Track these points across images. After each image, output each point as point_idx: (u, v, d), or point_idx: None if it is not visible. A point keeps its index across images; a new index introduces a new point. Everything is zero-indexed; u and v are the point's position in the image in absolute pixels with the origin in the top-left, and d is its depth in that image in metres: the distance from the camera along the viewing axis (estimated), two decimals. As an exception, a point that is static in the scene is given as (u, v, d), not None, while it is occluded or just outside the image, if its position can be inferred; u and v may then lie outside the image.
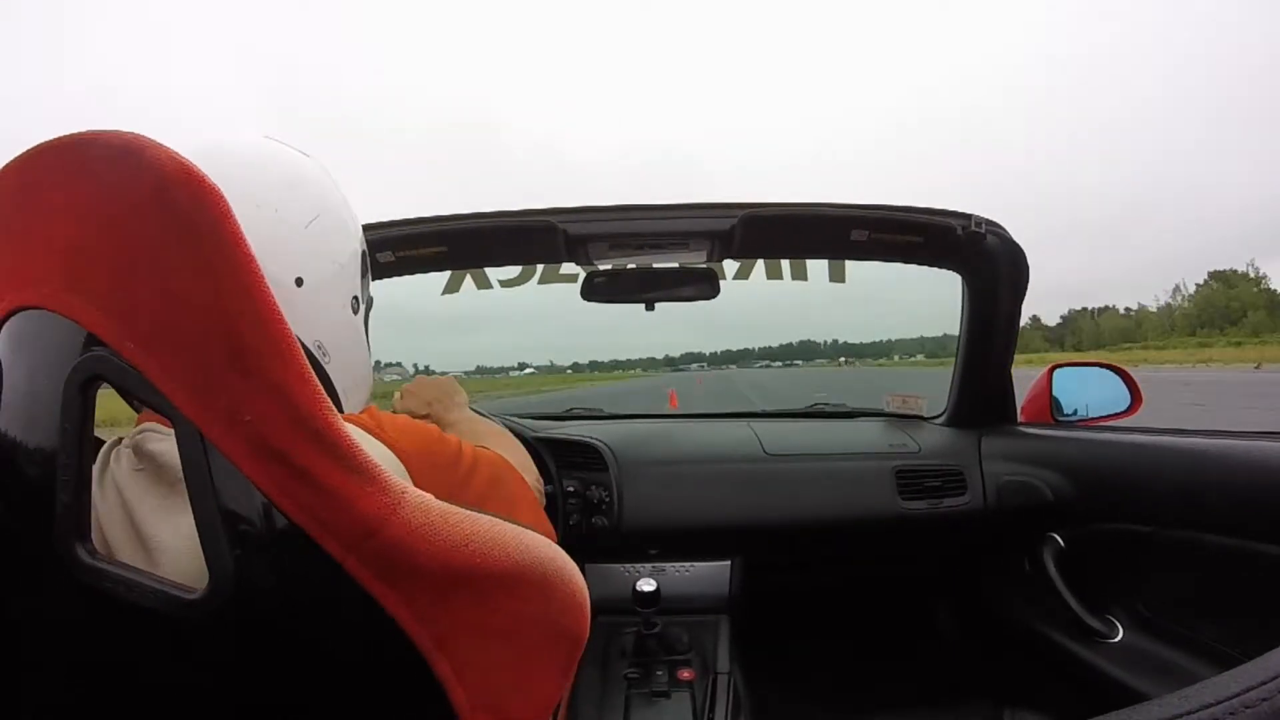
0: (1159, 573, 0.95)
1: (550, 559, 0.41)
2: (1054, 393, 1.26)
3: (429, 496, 0.35)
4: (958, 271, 1.26)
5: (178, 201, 0.30)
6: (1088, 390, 1.27)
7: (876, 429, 1.38)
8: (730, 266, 1.32)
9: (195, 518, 0.31)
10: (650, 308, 1.29)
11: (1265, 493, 0.78)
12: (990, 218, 1.15)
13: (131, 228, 0.31)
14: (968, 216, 1.13)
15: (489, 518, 0.38)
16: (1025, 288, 1.20)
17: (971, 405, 1.33)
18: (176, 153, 0.31)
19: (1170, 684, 0.85)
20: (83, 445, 0.32)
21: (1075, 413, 1.26)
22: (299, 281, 0.51)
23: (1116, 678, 0.91)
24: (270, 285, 0.34)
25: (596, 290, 1.28)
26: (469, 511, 0.37)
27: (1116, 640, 0.96)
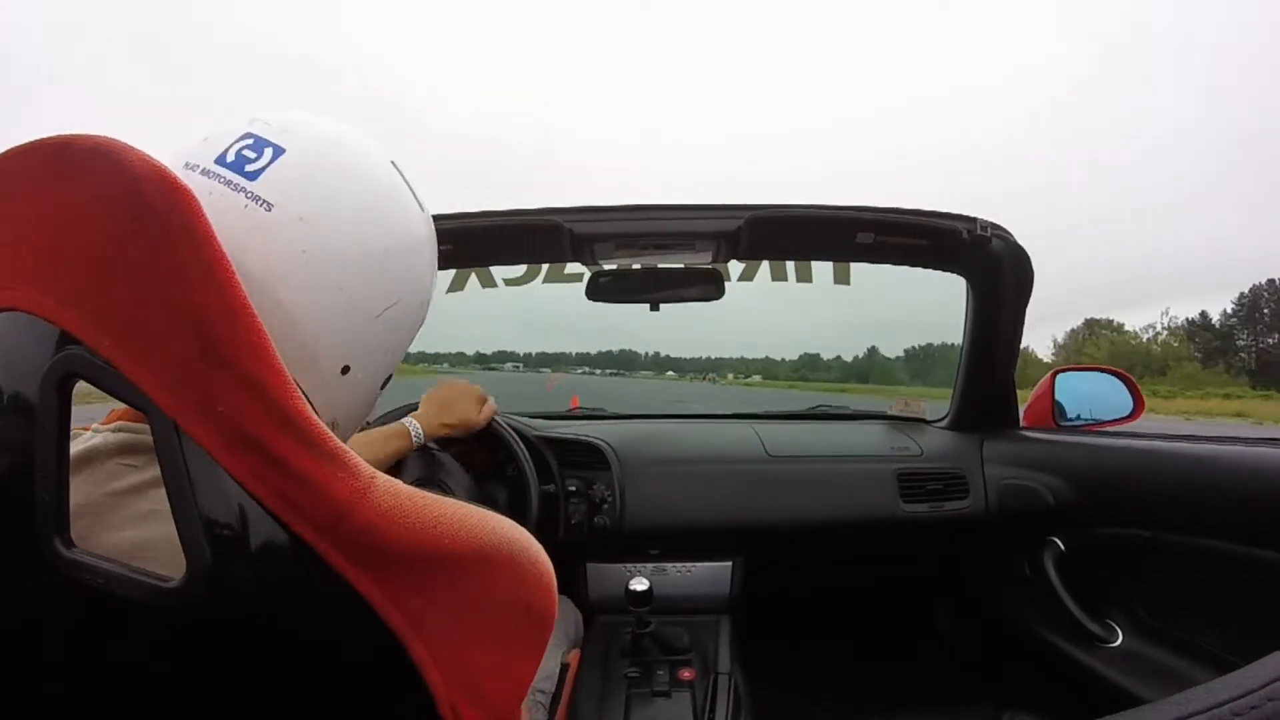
0: (1159, 578, 0.95)
1: (516, 539, 0.42)
2: (1057, 397, 1.26)
3: (398, 481, 0.36)
4: (962, 275, 1.26)
5: (151, 202, 0.31)
6: (1091, 395, 1.27)
7: (879, 431, 1.39)
8: (735, 268, 1.33)
9: (171, 509, 0.32)
10: (655, 308, 1.30)
11: (1266, 498, 0.78)
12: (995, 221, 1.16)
13: (105, 228, 0.31)
14: (973, 220, 1.13)
15: (455, 501, 0.39)
16: (1029, 292, 1.20)
17: (974, 409, 1.33)
18: (149, 155, 0.32)
19: (1170, 689, 0.85)
20: (61, 442, 0.33)
21: (1078, 417, 1.26)
22: (345, 369, 0.46)
23: (1116, 682, 0.91)
24: (312, 367, 0.34)
25: (602, 290, 1.29)
26: (436, 495, 0.38)
27: (1116, 645, 0.97)
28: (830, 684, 1.40)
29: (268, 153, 0.43)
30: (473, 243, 1.20)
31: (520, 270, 1.35)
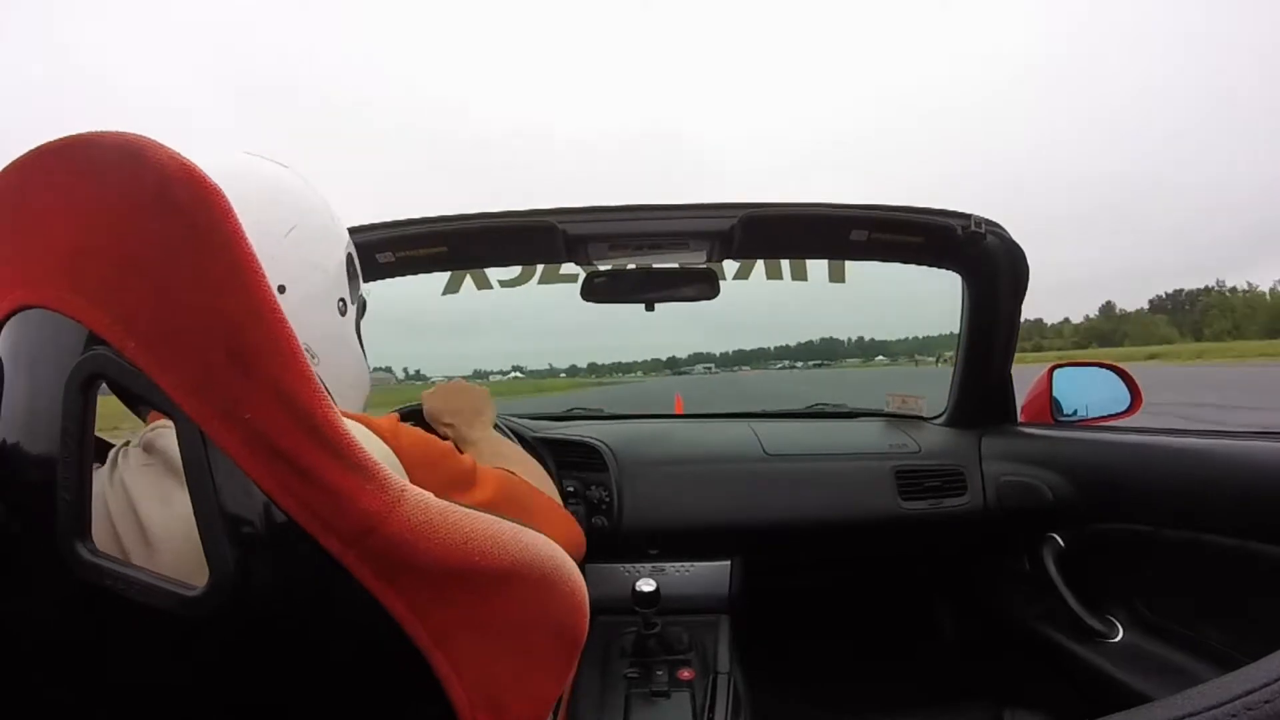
0: (1159, 573, 0.95)
1: (550, 557, 0.41)
2: (1054, 393, 1.26)
3: (429, 495, 0.35)
4: (957, 272, 1.26)
5: (179, 200, 0.30)
6: (1088, 390, 1.27)
7: (876, 429, 1.38)
8: (730, 267, 1.32)
9: (196, 515, 0.31)
10: (650, 308, 1.29)
11: (1265, 493, 0.78)
12: (990, 217, 1.16)
13: (133, 227, 0.31)
14: (967, 216, 1.13)
15: (489, 516, 0.38)
16: (1025, 287, 1.20)
17: (971, 405, 1.33)
18: (178, 153, 0.31)
19: (1170, 684, 0.85)
20: (84, 443, 0.33)
21: (1075, 413, 1.26)
22: (281, 289, 0.53)
23: (1116, 678, 0.91)
24: None
25: (596, 290, 1.28)
26: (468, 510, 0.37)
27: (1116, 640, 0.96)
28: (830, 683, 1.40)
29: None
30: (467, 244, 1.20)
31: (515, 272, 1.35)
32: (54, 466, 0.32)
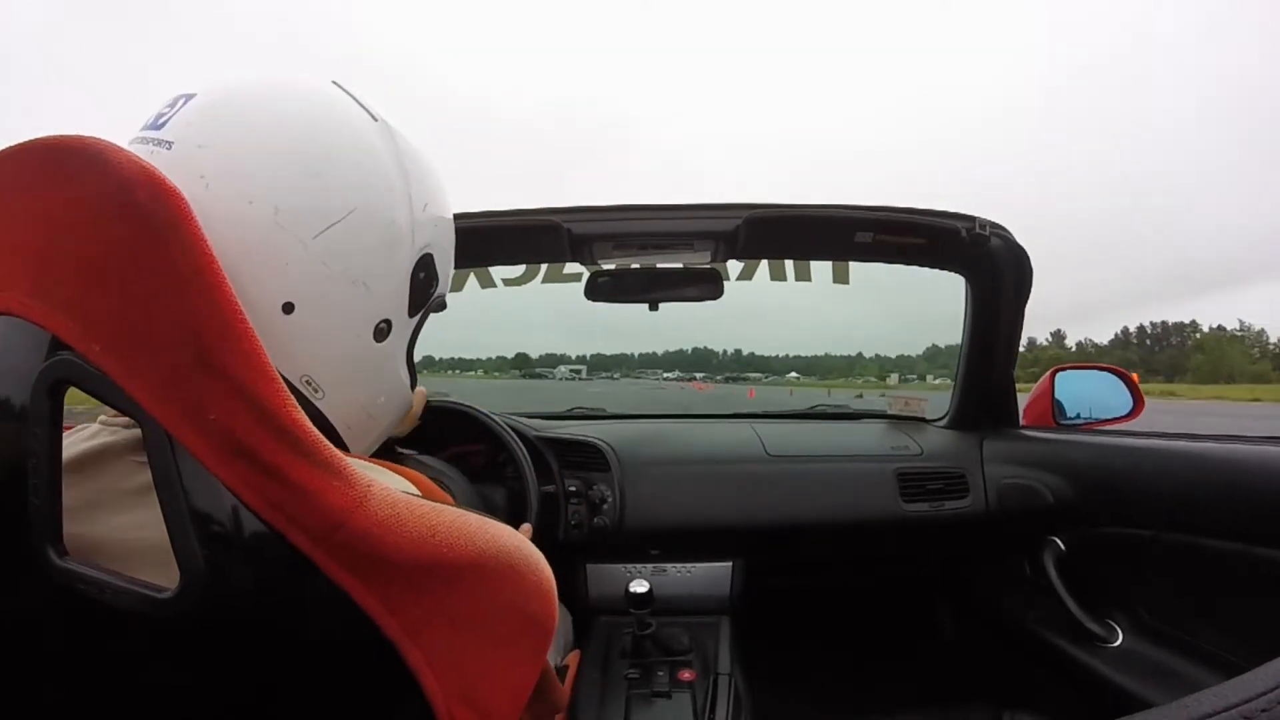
0: (1159, 577, 0.95)
1: (516, 547, 0.42)
2: (1056, 396, 1.26)
3: (394, 489, 0.36)
4: (961, 274, 1.26)
5: (139, 204, 0.31)
6: (1090, 394, 1.27)
7: (878, 431, 1.39)
8: (734, 267, 1.33)
9: (164, 517, 0.32)
10: (654, 308, 1.29)
11: (1266, 497, 0.78)
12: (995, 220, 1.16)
13: (94, 231, 0.31)
14: (972, 219, 1.13)
15: (454, 509, 0.39)
16: (1029, 290, 1.20)
17: (974, 408, 1.33)
18: (137, 156, 0.32)
19: (1170, 689, 0.85)
20: (53, 448, 0.33)
21: (1078, 416, 1.26)
22: (287, 308, 0.41)
23: (1116, 682, 0.91)
24: (247, 309, 0.32)
25: (600, 290, 1.29)
26: (434, 504, 0.38)
27: (1116, 644, 0.96)
28: (830, 684, 1.40)
29: (180, 102, 0.42)
30: (471, 243, 1.20)
31: (519, 270, 1.35)
32: (24, 470, 0.33)
